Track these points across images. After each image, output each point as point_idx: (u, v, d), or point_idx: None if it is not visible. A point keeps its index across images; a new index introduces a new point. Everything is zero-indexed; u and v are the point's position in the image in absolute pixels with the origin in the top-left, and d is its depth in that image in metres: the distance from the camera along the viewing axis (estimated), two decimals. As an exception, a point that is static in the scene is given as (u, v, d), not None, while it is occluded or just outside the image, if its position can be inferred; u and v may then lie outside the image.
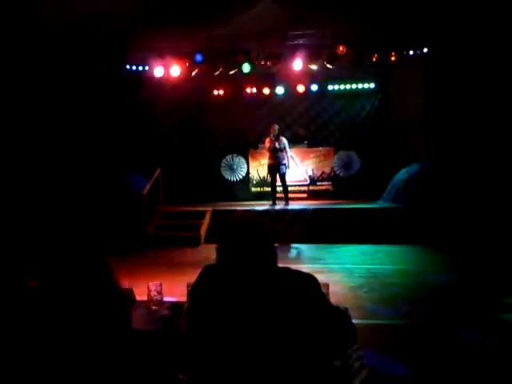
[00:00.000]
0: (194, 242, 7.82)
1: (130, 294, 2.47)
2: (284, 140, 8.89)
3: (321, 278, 1.61)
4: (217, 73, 8.85)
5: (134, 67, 8.96)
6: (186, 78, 9.00)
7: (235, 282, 1.55)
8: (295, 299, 1.51)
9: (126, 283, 2.06)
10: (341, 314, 1.67)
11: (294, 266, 1.62)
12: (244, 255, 1.57)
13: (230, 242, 1.61)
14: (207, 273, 1.65)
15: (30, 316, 1.58)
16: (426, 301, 4.54)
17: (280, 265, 1.63)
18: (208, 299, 1.58)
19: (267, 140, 8.89)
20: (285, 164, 8.88)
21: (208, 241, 7.86)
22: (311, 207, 8.58)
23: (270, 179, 9.31)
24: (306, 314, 1.50)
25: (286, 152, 8.88)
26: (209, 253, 1.64)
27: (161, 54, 8.59)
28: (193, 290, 1.66)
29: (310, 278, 1.59)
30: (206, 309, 1.57)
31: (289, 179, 9.36)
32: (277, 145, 8.76)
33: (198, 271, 1.67)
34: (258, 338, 1.47)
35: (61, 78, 7.75)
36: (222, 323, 1.52)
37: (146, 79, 9.05)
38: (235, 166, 10.85)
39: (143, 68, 9.00)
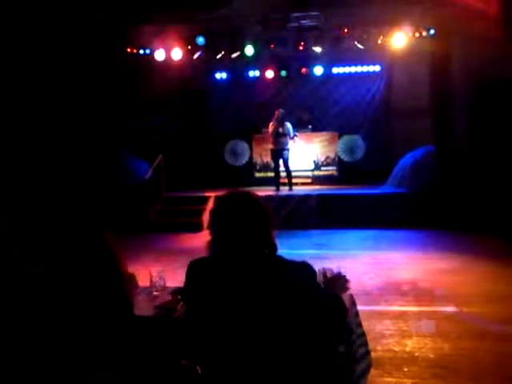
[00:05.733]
0: (197, 228, 7.82)
1: (132, 279, 2.46)
2: (288, 125, 8.78)
3: (325, 263, 1.58)
4: (219, 56, 8.73)
5: (134, 51, 8.84)
6: (187, 61, 8.88)
7: (227, 273, 1.50)
8: (286, 291, 1.46)
9: (128, 269, 2.04)
10: (334, 303, 1.64)
11: (298, 252, 1.58)
12: (238, 243, 1.49)
13: (224, 228, 1.52)
14: (195, 269, 1.59)
15: (32, 301, 1.56)
16: (432, 286, 4.52)
17: (284, 250, 1.59)
18: (202, 292, 1.54)
19: (271, 124, 8.79)
20: (288, 149, 8.79)
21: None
22: (315, 192, 8.53)
23: (273, 164, 9.24)
24: (297, 304, 1.46)
25: (290, 137, 8.79)
26: (207, 241, 1.58)
27: (162, 37, 8.47)
28: (186, 287, 1.61)
29: (302, 271, 1.53)
30: (201, 300, 1.54)
31: (293, 164, 9.28)
32: (280, 130, 8.66)
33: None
34: (253, 330, 1.44)
35: (61, 63, 7.66)
36: (217, 314, 1.49)
37: (147, 63, 8.95)
38: (239, 152, 10.77)
39: (144, 52, 8.88)
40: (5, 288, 1.71)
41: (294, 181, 9.09)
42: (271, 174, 9.66)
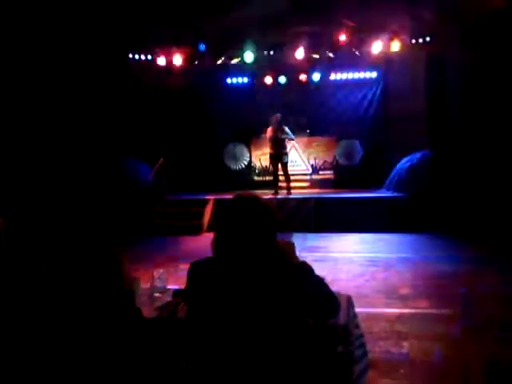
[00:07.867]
0: (197, 231, 7.86)
1: (136, 283, 2.49)
2: (286, 129, 8.85)
3: (323, 266, 1.61)
4: (219, 62, 8.80)
5: (136, 56, 8.90)
6: (188, 66, 8.95)
7: (229, 274, 1.52)
8: (287, 292, 1.48)
9: (130, 272, 2.07)
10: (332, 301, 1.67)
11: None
12: (242, 244, 1.51)
13: (228, 229, 1.54)
14: (196, 270, 1.61)
15: (35, 299, 1.60)
16: (428, 288, 4.56)
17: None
18: (203, 294, 1.56)
19: (269, 130, 8.84)
20: (287, 153, 8.86)
21: (210, 229, 7.89)
22: (313, 196, 8.58)
23: (272, 168, 9.29)
24: (298, 305, 1.49)
25: (290, 138, 8.87)
26: (211, 241, 1.62)
27: (164, 43, 8.53)
28: (187, 288, 1.63)
29: (302, 271, 1.55)
30: (203, 302, 1.55)
31: (290, 168, 9.33)
32: (279, 134, 8.71)
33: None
34: (254, 331, 1.46)
35: (64, 69, 7.69)
36: (218, 316, 1.51)
37: (149, 68, 9.00)
38: (238, 155, 10.82)
39: (146, 57, 8.94)
40: (9, 284, 1.75)
41: (292, 185, 9.14)
42: (269, 178, 9.71)
